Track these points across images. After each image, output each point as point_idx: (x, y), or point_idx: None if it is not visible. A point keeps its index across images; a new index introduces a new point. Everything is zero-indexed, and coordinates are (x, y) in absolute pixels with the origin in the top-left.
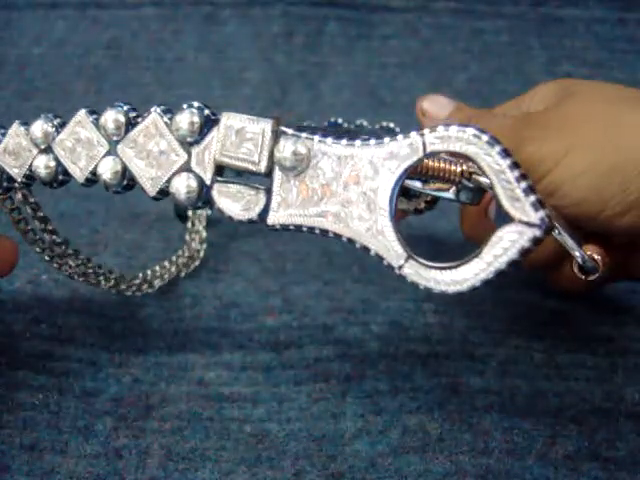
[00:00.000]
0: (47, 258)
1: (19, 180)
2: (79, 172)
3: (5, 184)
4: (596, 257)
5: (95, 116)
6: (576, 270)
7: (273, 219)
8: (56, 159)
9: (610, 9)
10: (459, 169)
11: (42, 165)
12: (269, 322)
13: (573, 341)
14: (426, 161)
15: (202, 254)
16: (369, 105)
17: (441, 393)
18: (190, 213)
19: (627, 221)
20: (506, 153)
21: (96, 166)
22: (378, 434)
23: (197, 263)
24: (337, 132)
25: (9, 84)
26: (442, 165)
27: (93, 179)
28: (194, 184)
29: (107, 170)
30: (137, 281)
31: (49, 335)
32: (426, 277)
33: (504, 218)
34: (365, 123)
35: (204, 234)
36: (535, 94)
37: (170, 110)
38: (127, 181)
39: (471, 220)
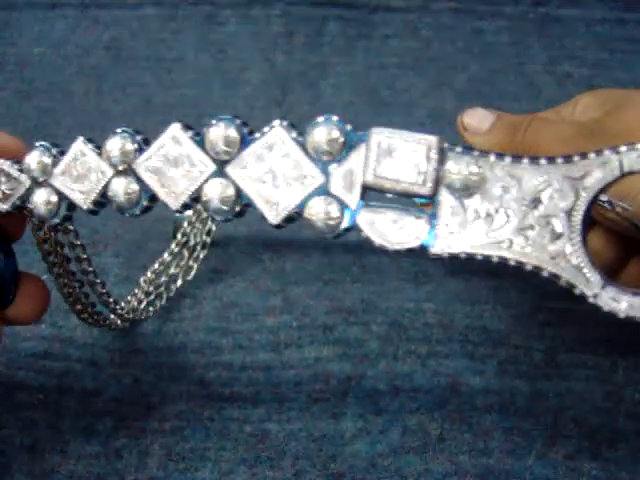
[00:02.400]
0: (68, 292)
1: (85, 207)
2: (172, 198)
3: (64, 212)
4: None
5: (192, 132)
6: None
7: (440, 248)
8: (139, 182)
9: (610, 9)
10: None
11: (121, 190)
12: (269, 322)
13: (573, 341)
14: None
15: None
16: (369, 105)
17: (441, 393)
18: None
19: None
20: None
21: (198, 190)
22: (378, 434)
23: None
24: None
25: (9, 84)
26: None
27: (190, 205)
28: (335, 209)
29: (216, 195)
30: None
31: (49, 335)
32: (631, 304)
33: None
34: None
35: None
36: (576, 104)
37: (294, 125)
38: (240, 207)
39: None
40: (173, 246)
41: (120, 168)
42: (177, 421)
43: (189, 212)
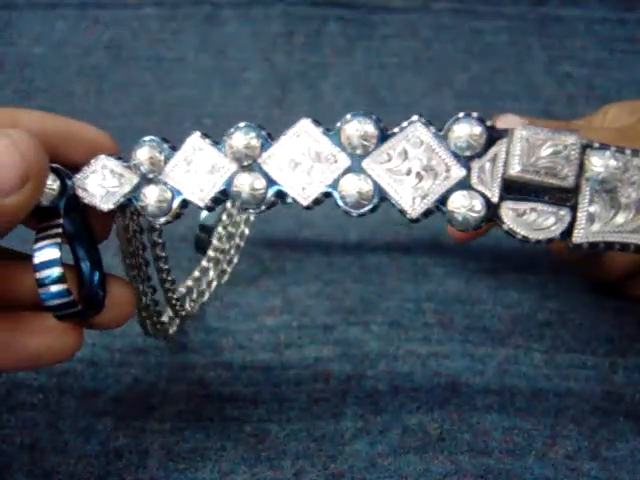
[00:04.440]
0: (138, 298)
1: (202, 204)
2: (302, 192)
3: (177, 210)
4: None
5: (323, 127)
6: None
7: (581, 237)
8: (266, 176)
9: (610, 9)
10: None
11: (247, 185)
12: (269, 322)
13: (573, 341)
14: None
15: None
16: (369, 105)
17: (441, 393)
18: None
19: None
20: None
21: (334, 184)
22: (378, 434)
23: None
24: None
25: (9, 84)
26: None
27: (321, 200)
28: (478, 203)
29: (353, 189)
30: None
31: None
32: None
33: None
34: None
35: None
36: (605, 113)
37: (430, 122)
38: (376, 202)
39: None
40: (211, 253)
41: (245, 164)
42: (177, 421)
43: (223, 217)
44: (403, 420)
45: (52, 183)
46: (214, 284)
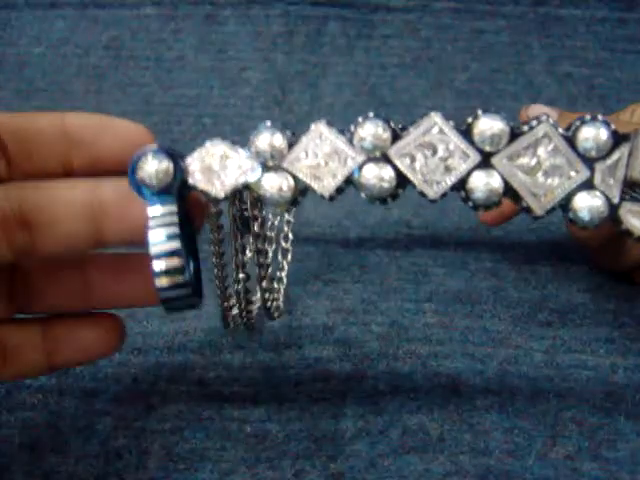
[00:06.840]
0: (225, 286)
1: (327, 194)
2: (429, 186)
3: (297, 198)
4: None
5: (453, 122)
6: None
7: None
8: (396, 169)
9: (610, 9)
10: None
11: (376, 176)
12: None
13: (573, 341)
14: None
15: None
16: (369, 105)
17: (441, 393)
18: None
19: None
20: None
21: (463, 180)
22: (378, 434)
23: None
24: None
25: (9, 84)
26: None
27: (448, 193)
28: (600, 203)
29: (483, 186)
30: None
31: None
32: None
33: None
34: None
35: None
36: (633, 111)
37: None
38: (500, 198)
39: None
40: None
41: (374, 155)
42: (177, 421)
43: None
44: (403, 420)
45: (167, 167)
46: (286, 266)
